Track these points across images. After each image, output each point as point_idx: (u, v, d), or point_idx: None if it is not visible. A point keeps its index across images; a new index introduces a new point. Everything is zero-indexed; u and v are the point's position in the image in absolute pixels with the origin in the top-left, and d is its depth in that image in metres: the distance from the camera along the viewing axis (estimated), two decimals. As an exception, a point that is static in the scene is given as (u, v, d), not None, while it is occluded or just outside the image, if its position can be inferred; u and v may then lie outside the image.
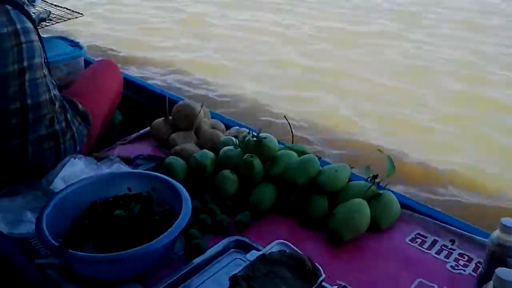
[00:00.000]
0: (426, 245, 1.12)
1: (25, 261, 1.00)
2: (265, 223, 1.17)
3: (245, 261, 1.03)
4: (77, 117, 1.39)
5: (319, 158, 1.34)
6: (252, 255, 0.96)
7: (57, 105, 1.32)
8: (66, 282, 0.95)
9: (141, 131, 1.56)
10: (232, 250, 1.07)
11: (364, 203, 1.15)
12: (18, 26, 1.22)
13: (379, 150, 1.32)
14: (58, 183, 1.19)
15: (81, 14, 2.07)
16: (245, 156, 1.23)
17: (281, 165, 1.23)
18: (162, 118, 1.52)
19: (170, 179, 1.13)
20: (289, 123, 1.42)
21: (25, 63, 1.22)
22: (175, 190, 1.09)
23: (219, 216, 1.15)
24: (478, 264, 1.05)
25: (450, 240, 1.13)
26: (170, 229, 0.95)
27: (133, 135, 1.55)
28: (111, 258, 0.89)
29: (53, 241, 0.92)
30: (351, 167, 1.26)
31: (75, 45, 1.95)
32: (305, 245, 1.10)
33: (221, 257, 1.05)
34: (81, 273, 0.95)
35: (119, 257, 0.89)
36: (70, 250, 0.90)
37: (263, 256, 0.95)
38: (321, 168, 1.23)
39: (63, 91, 1.48)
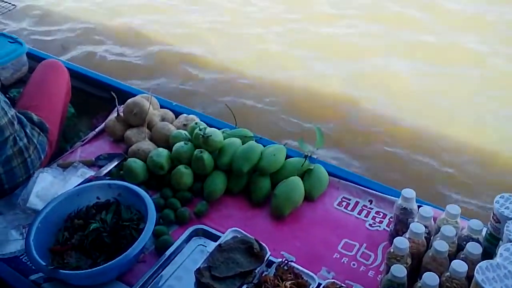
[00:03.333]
0: (350, 207, 1.38)
1: (21, 279, 1.19)
2: (220, 207, 1.39)
3: (205, 246, 1.27)
4: (36, 129, 1.51)
5: (260, 138, 1.55)
6: (211, 246, 1.19)
7: (15, 124, 1.43)
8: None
9: (96, 130, 1.69)
10: (194, 238, 1.30)
11: (299, 180, 1.38)
12: None
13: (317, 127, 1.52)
14: (34, 200, 1.35)
15: (14, 5, 2.05)
16: (195, 152, 1.42)
17: (227, 155, 1.43)
18: (114, 116, 1.65)
19: (132, 186, 1.31)
20: (231, 111, 1.58)
21: None
22: (138, 196, 1.28)
23: (180, 209, 1.35)
24: (391, 219, 1.33)
25: (369, 201, 1.40)
26: (141, 236, 1.16)
27: (90, 135, 1.68)
28: (95, 272, 1.10)
29: (44, 264, 1.11)
30: (285, 145, 1.48)
31: (15, 41, 1.96)
32: (254, 222, 1.34)
33: (186, 245, 1.28)
34: (71, 283, 1.16)
35: (102, 270, 1.10)
36: (61, 271, 1.10)
37: (219, 246, 1.19)
38: (261, 152, 1.43)
39: (17, 105, 1.57)
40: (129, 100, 1.63)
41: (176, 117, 1.69)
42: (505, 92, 2.72)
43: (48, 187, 1.40)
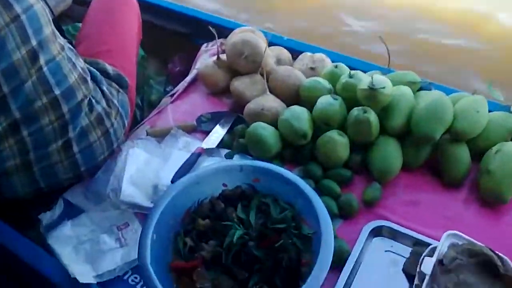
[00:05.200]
0: None
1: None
2: (396, 190, 0.95)
3: (395, 252, 0.85)
4: (113, 85, 1.05)
5: (429, 84, 1.08)
6: (426, 264, 0.75)
7: (88, 81, 0.97)
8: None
9: (187, 79, 1.23)
10: (374, 239, 0.87)
11: (521, 149, 0.92)
12: None
13: None
14: (128, 189, 0.92)
15: None
16: (355, 112, 0.95)
17: (400, 113, 0.96)
18: (212, 60, 1.18)
19: (278, 168, 0.86)
20: (385, 45, 1.09)
21: (34, 42, 0.84)
22: (289, 182, 0.84)
23: (343, 196, 0.92)
24: None
25: None
26: (321, 256, 0.72)
27: (180, 86, 1.22)
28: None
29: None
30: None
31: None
32: (454, 212, 0.91)
33: (367, 252, 0.85)
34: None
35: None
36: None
37: (440, 264, 0.76)
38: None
39: (78, 50, 1.09)
40: (235, 38, 1.14)
41: (293, 58, 1.22)
42: None
43: (144, 168, 0.97)
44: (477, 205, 0.91)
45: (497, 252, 0.76)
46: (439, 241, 0.84)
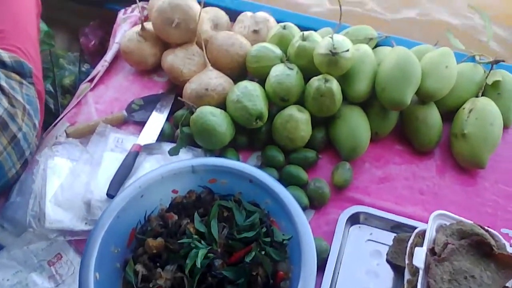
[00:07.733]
0: None
1: None
2: (367, 165, 0.85)
3: (375, 241, 0.77)
4: (12, 76, 0.83)
5: (385, 38, 0.97)
6: (418, 257, 0.67)
7: None
8: None
9: (107, 57, 1.01)
10: (351, 227, 0.78)
11: (490, 103, 0.84)
12: None
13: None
14: (54, 213, 0.75)
15: None
16: (317, 83, 0.81)
17: (362, 78, 0.84)
18: (135, 31, 0.97)
19: (242, 166, 0.71)
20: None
21: None
22: (257, 182, 0.71)
23: (312, 183, 0.80)
24: None
25: None
26: (303, 277, 0.61)
27: (99, 67, 1.00)
28: None
29: None
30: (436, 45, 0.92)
31: None
32: (432, 183, 0.83)
33: (346, 245, 0.76)
34: None
35: None
36: None
37: (432, 253, 0.68)
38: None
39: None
40: (161, 1, 0.94)
41: (231, 19, 1.04)
42: None
43: (70, 181, 0.79)
44: (452, 172, 0.84)
45: (486, 228, 0.70)
46: (418, 219, 0.77)
